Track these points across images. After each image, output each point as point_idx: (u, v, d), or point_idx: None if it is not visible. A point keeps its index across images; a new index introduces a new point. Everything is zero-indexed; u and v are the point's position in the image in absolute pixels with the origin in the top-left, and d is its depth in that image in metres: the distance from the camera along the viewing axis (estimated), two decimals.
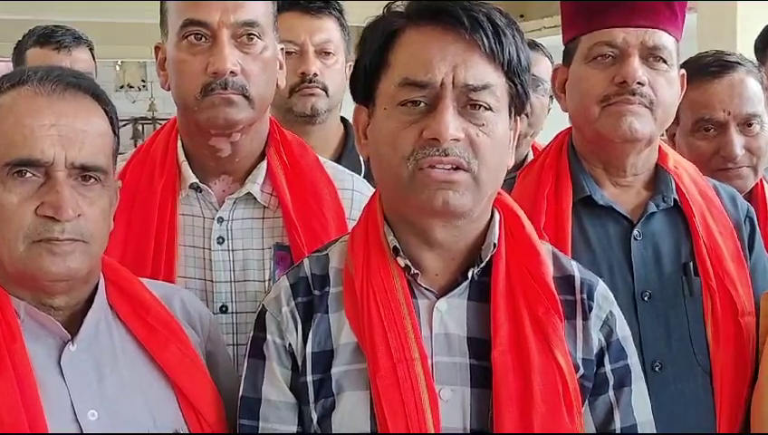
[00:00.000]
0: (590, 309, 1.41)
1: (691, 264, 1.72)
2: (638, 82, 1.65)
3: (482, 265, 1.39)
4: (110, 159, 1.41)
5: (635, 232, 1.72)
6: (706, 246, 1.72)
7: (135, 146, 2.12)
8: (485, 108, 1.32)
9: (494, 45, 1.31)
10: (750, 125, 2.03)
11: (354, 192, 1.83)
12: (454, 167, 1.30)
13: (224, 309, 1.74)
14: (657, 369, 1.65)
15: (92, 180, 1.36)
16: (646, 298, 1.69)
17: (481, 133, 1.31)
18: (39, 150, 1.31)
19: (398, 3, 1.38)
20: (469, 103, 1.31)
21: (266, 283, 1.74)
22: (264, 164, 1.78)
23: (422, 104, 1.31)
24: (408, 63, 1.33)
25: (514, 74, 1.35)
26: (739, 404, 1.67)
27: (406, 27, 1.35)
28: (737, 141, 2.02)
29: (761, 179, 2.12)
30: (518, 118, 1.41)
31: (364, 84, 1.39)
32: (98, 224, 1.37)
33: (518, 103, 1.38)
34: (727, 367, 1.67)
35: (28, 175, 1.32)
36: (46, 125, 1.32)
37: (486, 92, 1.31)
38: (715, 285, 1.69)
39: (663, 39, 1.68)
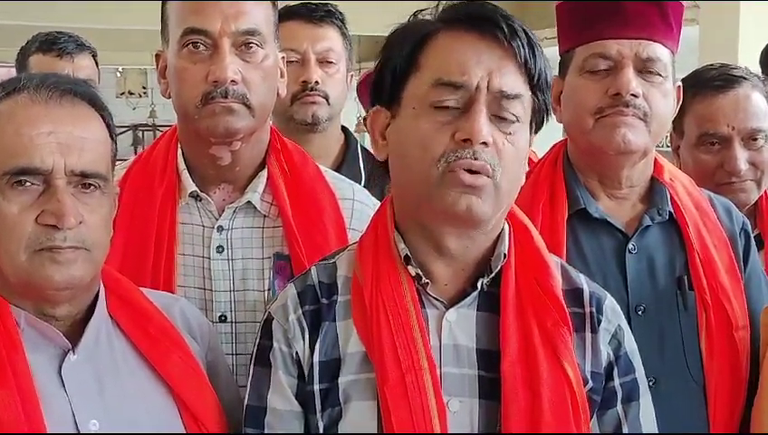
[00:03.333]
0: (599, 322, 1.41)
1: (686, 277, 1.71)
2: (633, 94, 1.65)
3: (491, 276, 1.38)
4: (109, 166, 1.40)
5: (630, 245, 1.72)
6: (701, 259, 1.71)
7: (135, 153, 2.11)
8: (514, 118, 1.32)
9: (528, 56, 1.32)
10: (755, 139, 2.04)
11: (355, 202, 1.82)
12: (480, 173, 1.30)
13: (223, 318, 1.73)
14: (650, 384, 1.62)
15: (92, 187, 1.35)
16: (640, 312, 1.69)
17: (507, 142, 1.31)
18: (38, 159, 1.30)
19: (425, 11, 1.38)
20: (500, 111, 1.31)
21: (266, 292, 1.73)
22: (264, 173, 1.77)
23: (454, 107, 1.31)
24: (443, 65, 1.32)
25: (539, 89, 1.35)
26: (733, 419, 1.67)
27: (439, 31, 1.35)
28: (741, 156, 2.01)
29: (765, 192, 2.12)
30: (534, 134, 1.41)
31: (391, 86, 1.38)
32: (99, 231, 1.36)
33: (539, 118, 1.39)
34: (721, 382, 1.67)
35: (27, 184, 1.31)
36: (44, 133, 1.31)
37: (517, 102, 1.32)
38: (710, 299, 1.69)
39: (657, 51, 1.68)
